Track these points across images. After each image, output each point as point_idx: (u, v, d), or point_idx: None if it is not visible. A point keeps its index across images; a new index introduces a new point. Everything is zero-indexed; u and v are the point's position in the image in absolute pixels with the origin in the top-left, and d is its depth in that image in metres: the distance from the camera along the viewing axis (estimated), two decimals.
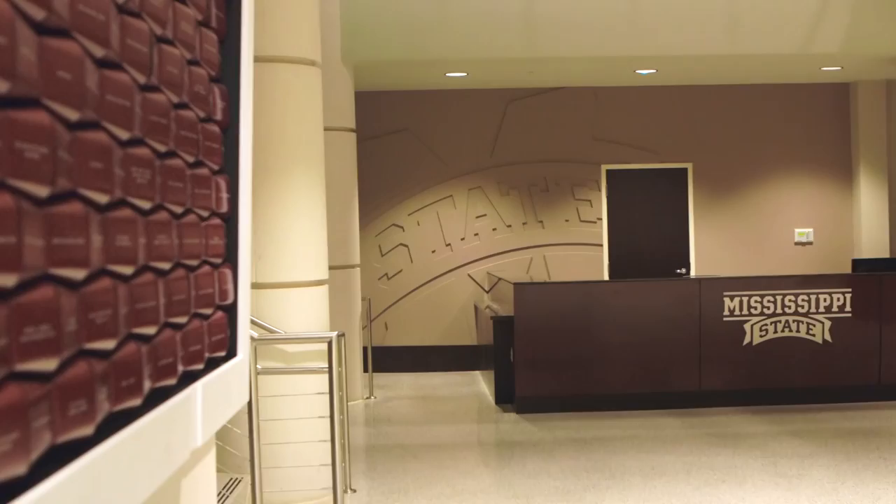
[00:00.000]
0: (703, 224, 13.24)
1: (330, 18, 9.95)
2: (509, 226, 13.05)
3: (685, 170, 13.22)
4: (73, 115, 1.44)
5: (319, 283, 6.63)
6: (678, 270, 13.14)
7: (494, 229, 13.05)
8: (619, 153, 13.11)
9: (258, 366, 5.56)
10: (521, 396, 9.88)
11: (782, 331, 10.03)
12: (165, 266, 1.95)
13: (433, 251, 12.96)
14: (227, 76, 2.58)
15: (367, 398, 10.74)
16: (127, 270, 1.69)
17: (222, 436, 6.04)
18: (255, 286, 6.29)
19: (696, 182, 13.22)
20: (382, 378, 11.89)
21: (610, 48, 10.86)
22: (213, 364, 2.37)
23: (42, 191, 1.32)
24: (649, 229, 13.22)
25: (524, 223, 13.08)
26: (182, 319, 2.07)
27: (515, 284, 10.00)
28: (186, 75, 2.16)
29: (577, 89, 13.03)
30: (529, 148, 13.04)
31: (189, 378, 2.12)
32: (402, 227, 12.93)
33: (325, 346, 5.73)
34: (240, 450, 5.85)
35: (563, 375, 9.91)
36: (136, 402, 1.71)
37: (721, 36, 10.78)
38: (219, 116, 2.50)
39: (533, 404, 9.82)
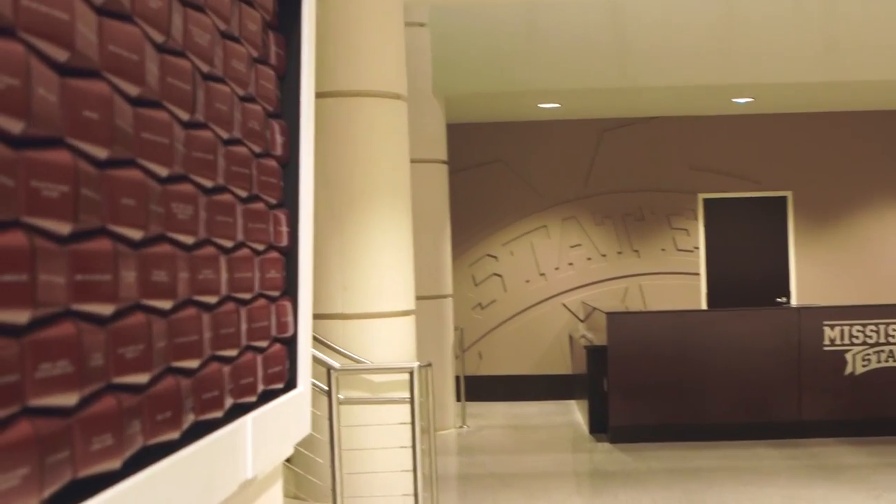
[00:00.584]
0: (804, 252, 12.97)
1: (421, 52, 10.01)
2: (604, 255, 12.95)
3: (784, 198, 12.98)
4: (101, 152, 1.46)
5: (406, 313, 6.64)
6: (778, 299, 12.88)
7: (589, 259, 12.95)
8: (717, 182, 12.93)
9: (340, 395, 5.58)
10: (614, 426, 9.75)
11: (886, 360, 9.75)
12: (211, 300, 1.96)
13: (527, 281, 12.91)
14: (288, 112, 2.61)
15: (459, 427, 10.71)
16: (165, 305, 1.70)
17: (305, 465, 6.07)
18: (342, 317, 6.32)
19: (796, 210, 12.96)
20: (476, 407, 11.85)
21: (704, 77, 10.73)
22: (269, 396, 2.38)
23: (63, 228, 1.33)
24: (748, 258, 12.99)
25: (619, 252, 12.96)
26: (231, 352, 2.08)
27: (608, 314, 9.90)
28: (238, 112, 2.18)
29: (672, 118, 12.90)
30: (624, 177, 12.93)
31: (239, 410, 2.13)
32: (495, 258, 12.90)
33: (407, 377, 5.73)
34: (323, 479, 5.88)
35: (658, 405, 9.77)
36: (173, 435, 1.72)
37: (818, 63, 10.57)
38: (278, 152, 2.52)
39: (627, 434, 9.68)
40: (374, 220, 6.47)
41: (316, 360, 5.50)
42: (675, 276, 12.95)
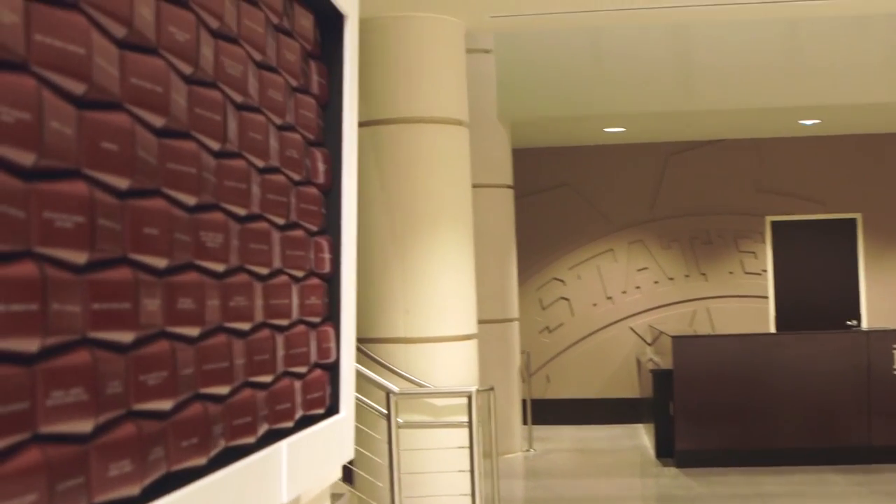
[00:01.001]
0: (874, 275, 12.72)
1: (486, 78, 10.02)
2: (671, 278, 12.81)
3: (854, 220, 12.75)
4: (121, 183, 1.47)
5: (468, 337, 6.63)
6: (849, 322, 12.64)
7: (656, 282, 12.83)
8: (784, 204, 12.74)
9: (399, 419, 5.57)
10: (681, 450, 9.62)
11: None
12: (244, 327, 1.96)
13: (594, 304, 12.82)
14: (330, 140, 2.61)
15: (526, 451, 10.64)
16: (191, 332, 1.71)
17: (365, 488, 6.06)
18: (404, 340, 6.33)
19: (866, 232, 12.72)
20: (543, 430, 11.76)
21: (770, 99, 10.60)
22: (309, 421, 2.37)
23: (79, 257, 1.34)
24: (817, 281, 12.77)
25: (686, 275, 12.82)
26: (265, 378, 2.08)
27: (674, 338, 9.79)
28: (275, 141, 2.19)
29: (738, 140, 12.75)
30: (691, 200, 12.80)
31: (274, 436, 2.12)
32: (562, 281, 12.83)
33: (466, 401, 5.70)
34: (383, 503, 5.86)
35: (725, 429, 9.62)
36: (200, 461, 1.72)
37: (885, 82, 10.38)
38: (320, 179, 2.53)
39: (693, 458, 9.54)
40: (436, 244, 6.47)
41: (375, 384, 5.50)
42: (742, 299, 12.78)
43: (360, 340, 6.43)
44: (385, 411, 5.50)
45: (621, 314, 12.85)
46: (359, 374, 5.88)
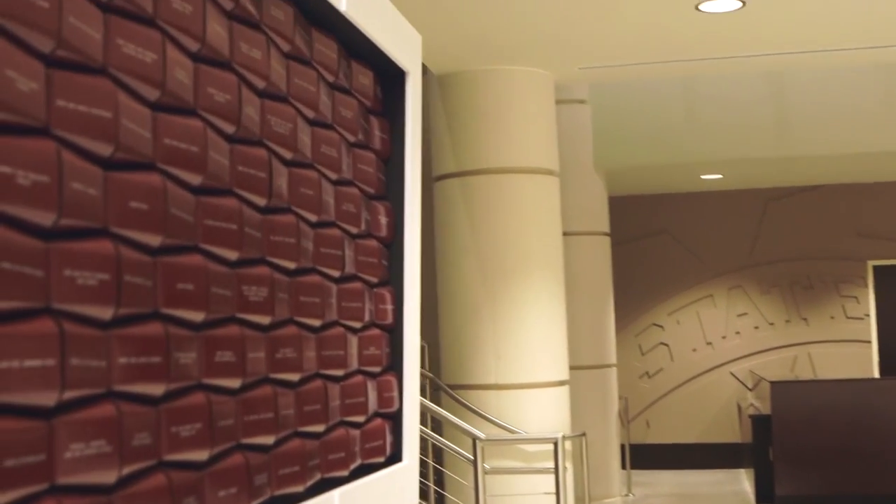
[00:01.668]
0: None
1: (581, 128, 9.99)
2: (772, 323, 12.53)
3: None
4: (153, 240, 1.48)
5: (560, 383, 6.56)
6: None
7: (756, 327, 12.56)
8: (886, 248, 12.38)
9: (485, 465, 5.52)
10: (780, 496, 9.35)
11: None
12: (293, 378, 1.96)
13: (694, 349, 12.60)
14: (393, 193, 2.61)
15: (625, 496, 10.45)
16: (232, 384, 1.70)
17: None
18: (495, 387, 6.29)
19: None
20: (643, 475, 11.55)
21: (869, 145, 10.33)
22: (367, 470, 2.36)
23: (104, 313, 1.35)
24: None
25: (787, 321, 12.52)
26: (317, 428, 2.07)
27: (772, 383, 9.57)
28: (330, 196, 2.19)
29: (838, 186, 12.46)
30: (791, 246, 12.53)
31: (327, 485, 2.11)
32: (661, 327, 12.65)
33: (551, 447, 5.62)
34: None
35: (826, 474, 9.32)
36: None
37: None
38: (382, 232, 2.52)
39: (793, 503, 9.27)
40: (527, 292, 6.43)
41: (461, 430, 5.47)
42: (845, 343, 12.43)
43: (451, 387, 6.41)
44: (472, 457, 5.45)
45: (721, 359, 12.61)
46: (446, 421, 5.85)
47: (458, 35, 6.14)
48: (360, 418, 2.33)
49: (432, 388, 6.96)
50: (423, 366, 7.35)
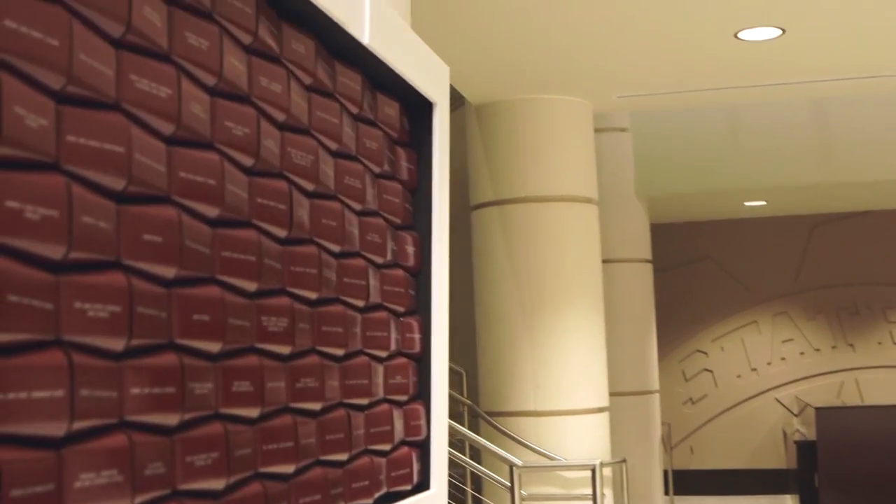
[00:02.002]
0: None
1: (623, 156, 9.95)
2: (818, 349, 12.37)
3: None
4: (167, 272, 1.49)
5: (599, 410, 6.50)
6: None
7: (802, 353, 12.40)
8: None
9: (523, 492, 5.48)
10: None
11: None
12: (314, 407, 1.96)
13: (739, 376, 12.46)
14: (420, 223, 2.61)
15: None
16: (250, 413, 1.70)
17: None
18: (534, 414, 6.25)
19: None
20: (687, 501, 11.42)
21: None
22: (394, 498, 2.34)
23: (116, 344, 1.36)
24: None
25: (833, 346, 12.35)
26: (340, 457, 2.06)
27: (817, 409, 9.44)
28: (353, 226, 2.19)
29: (885, 212, 12.29)
30: (836, 272, 12.37)
31: None
32: (705, 353, 12.53)
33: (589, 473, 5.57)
34: None
35: (872, 501, 9.16)
36: None
37: None
38: (409, 262, 2.52)
39: None
40: (566, 319, 6.40)
41: (499, 457, 5.44)
42: (892, 369, 12.24)
43: (490, 414, 6.38)
44: (509, 484, 5.42)
45: (766, 385, 12.46)
46: (484, 448, 5.82)
47: (495, 65, 6.15)
48: (386, 446, 2.32)
49: (471, 415, 6.93)
50: (461, 393, 7.33)
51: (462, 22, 5.51)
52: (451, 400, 7.28)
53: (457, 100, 8.55)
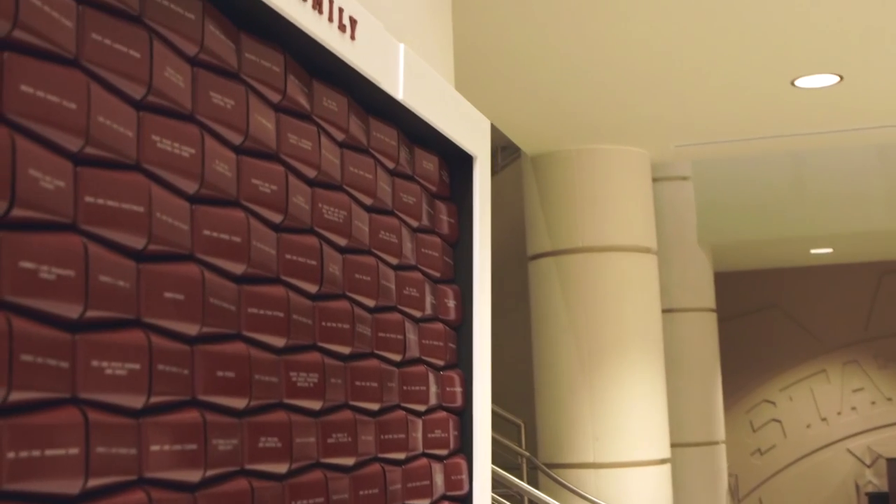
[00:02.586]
0: None
1: (685, 204, 9.86)
2: (889, 398, 12.07)
3: None
4: (190, 329, 1.49)
5: (661, 461, 6.40)
6: None
7: (873, 403, 12.11)
8: None
9: None
10: None
11: None
12: (347, 462, 1.94)
13: (808, 426, 12.19)
14: (462, 277, 2.60)
15: None
16: (278, 469, 1.70)
17: None
18: (594, 466, 6.16)
19: None
20: None
21: None
22: None
23: (135, 402, 1.36)
24: None
25: None
26: None
27: (889, 460, 9.19)
28: (389, 281, 2.19)
29: None
30: None
31: None
32: (773, 403, 12.29)
33: None
34: None
35: None
36: None
37: None
38: (450, 316, 2.51)
39: None
40: (625, 370, 6.33)
41: None
42: None
43: (549, 465, 6.31)
44: None
45: (837, 436, 12.17)
46: (542, 501, 5.75)
47: (550, 116, 6.16)
48: (426, 501, 2.29)
49: (529, 467, 6.86)
50: (519, 445, 7.27)
51: (515, 73, 5.53)
52: (509, 452, 7.21)
53: (513, 152, 8.56)
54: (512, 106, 5.98)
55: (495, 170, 8.97)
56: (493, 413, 5.07)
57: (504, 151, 9.08)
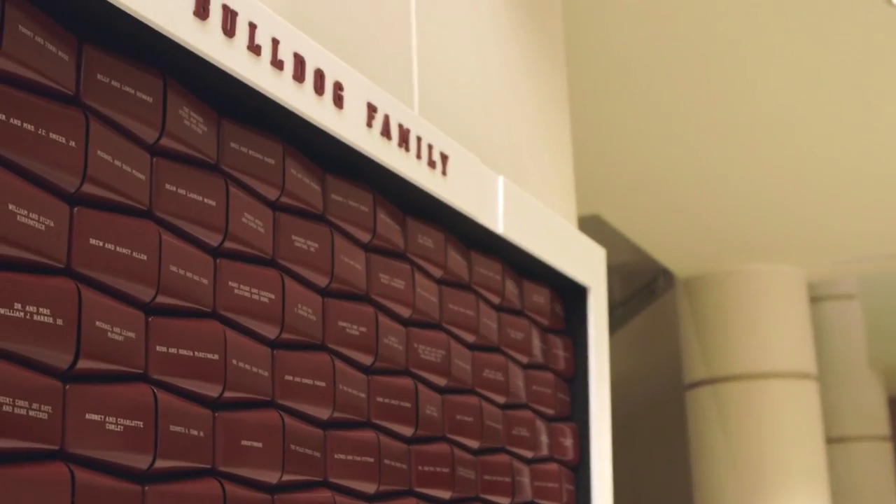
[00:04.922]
0: None
1: (851, 324, 9.55)
2: None
3: None
4: (271, 477, 1.52)
5: None
6: None
7: None
8: None
9: None
10: None
11: None
12: None
13: None
14: (579, 414, 2.57)
15: None
16: None
17: None
18: None
19: None
20: None
21: None
22: None
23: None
24: None
25: None
26: None
27: None
28: (494, 420, 2.18)
29: None
30: None
31: None
32: None
33: None
34: None
35: None
36: None
37: None
38: (567, 456, 2.48)
39: None
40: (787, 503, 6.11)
41: None
42: None
43: None
44: None
45: None
46: None
47: (698, 234, 6.11)
48: None
49: None
50: None
51: (664, 196, 5.55)
52: None
53: (668, 280, 8.47)
54: (660, 227, 5.97)
55: (656, 294, 8.86)
56: None
57: (665, 275, 8.99)
